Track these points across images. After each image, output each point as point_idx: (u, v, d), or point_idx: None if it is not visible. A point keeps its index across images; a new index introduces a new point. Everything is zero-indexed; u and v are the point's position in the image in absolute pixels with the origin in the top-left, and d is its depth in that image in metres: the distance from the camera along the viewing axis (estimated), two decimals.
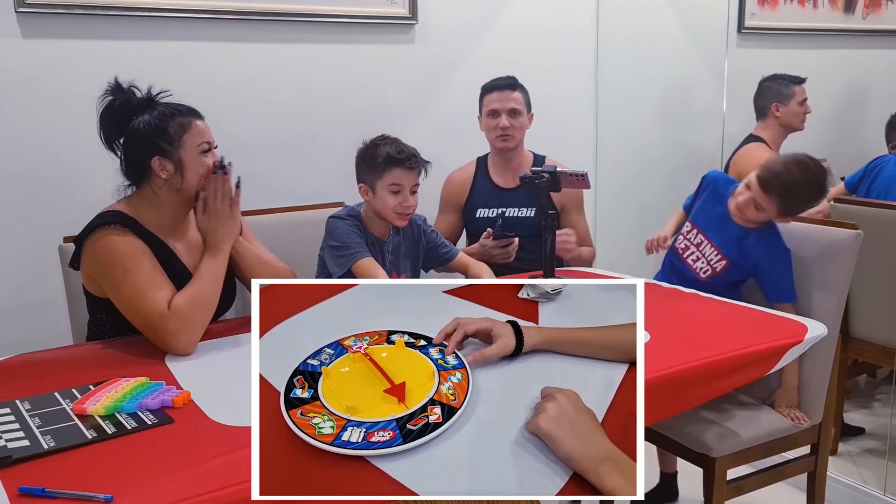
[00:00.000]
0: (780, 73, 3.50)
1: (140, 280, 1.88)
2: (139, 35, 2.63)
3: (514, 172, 2.86)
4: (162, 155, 1.97)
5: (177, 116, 1.98)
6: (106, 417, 1.47)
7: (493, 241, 2.67)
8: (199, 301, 1.91)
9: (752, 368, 1.87)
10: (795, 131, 3.47)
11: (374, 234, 2.32)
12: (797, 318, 2.05)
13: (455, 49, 3.24)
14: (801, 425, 2.22)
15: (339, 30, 2.97)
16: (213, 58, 2.76)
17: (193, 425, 1.46)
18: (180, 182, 1.99)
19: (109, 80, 2.01)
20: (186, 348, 1.85)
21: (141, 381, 1.61)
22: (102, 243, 1.91)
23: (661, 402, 1.71)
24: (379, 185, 2.27)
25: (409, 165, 2.26)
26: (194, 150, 1.99)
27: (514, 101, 2.81)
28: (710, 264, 2.35)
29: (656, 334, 1.89)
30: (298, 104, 2.94)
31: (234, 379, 1.71)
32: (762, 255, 2.29)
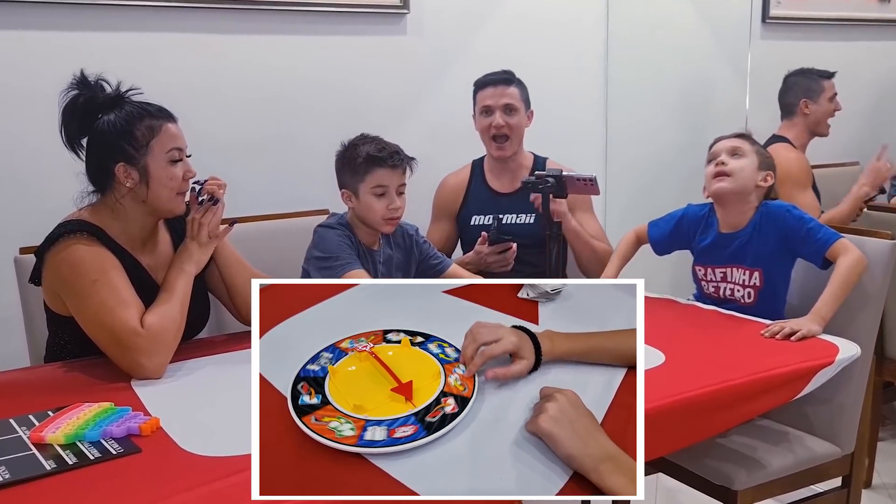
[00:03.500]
0: (807, 68, 3.50)
1: (109, 294, 1.88)
2: (105, 26, 2.64)
3: (512, 176, 2.87)
4: (127, 161, 1.96)
5: (146, 118, 1.97)
6: (66, 446, 1.47)
7: (488, 248, 2.66)
8: (172, 320, 1.92)
9: (777, 393, 1.87)
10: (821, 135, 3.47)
11: (364, 244, 2.33)
12: (828, 337, 2.06)
13: (451, 42, 3.25)
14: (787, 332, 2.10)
15: (323, 20, 2.99)
16: (185, 51, 2.77)
17: (162, 455, 1.46)
18: (145, 193, 1.98)
19: (75, 72, 2.00)
20: (157, 370, 1.85)
21: (105, 407, 1.61)
22: (67, 254, 1.91)
23: (678, 430, 1.72)
24: (362, 189, 2.28)
25: (392, 164, 2.27)
26: (162, 158, 1.98)
27: (508, 97, 2.81)
28: (748, 286, 2.35)
29: (672, 354, 1.89)
30: (279, 102, 2.95)
31: (206, 404, 1.72)
32: (777, 231, 2.29)
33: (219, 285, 2.20)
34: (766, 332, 2.07)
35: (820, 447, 2.24)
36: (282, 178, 2.93)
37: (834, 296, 2.15)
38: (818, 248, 2.24)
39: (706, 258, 2.42)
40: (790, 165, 3.26)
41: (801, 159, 3.32)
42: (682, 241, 2.49)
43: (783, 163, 3.30)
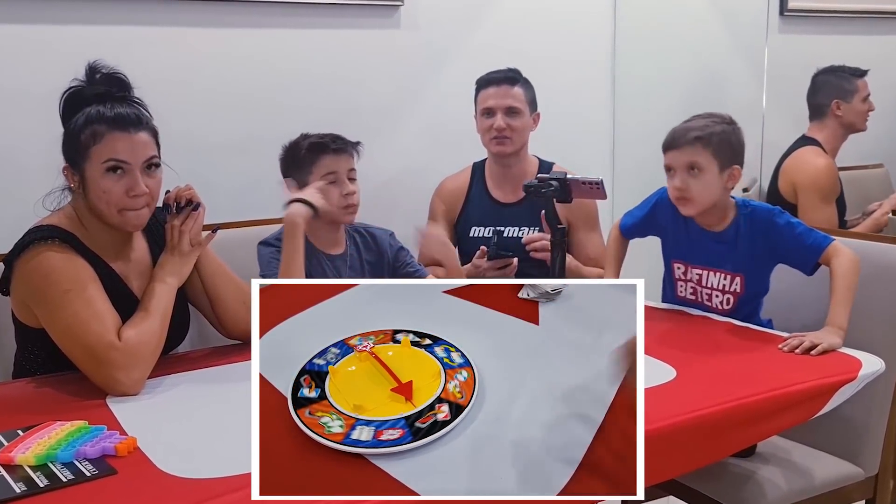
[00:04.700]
0: (837, 65, 3.49)
1: (83, 304, 1.89)
2: (75, 19, 2.64)
3: (514, 183, 2.86)
4: (70, 164, 2.00)
5: (94, 123, 1.97)
6: (37, 468, 1.47)
7: (487, 262, 2.67)
8: (151, 333, 1.93)
9: (796, 411, 1.88)
10: (857, 131, 3.46)
11: (324, 252, 2.35)
12: (850, 351, 2.06)
13: (447, 36, 3.26)
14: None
15: (309, 12, 2.99)
16: (161, 45, 2.78)
17: (140, 477, 1.46)
18: (88, 201, 2.00)
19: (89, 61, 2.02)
20: (135, 386, 1.86)
21: (78, 426, 1.62)
22: (37, 262, 1.92)
23: (690, 451, 1.73)
24: (312, 181, 2.32)
25: (335, 148, 2.34)
26: (98, 168, 1.96)
27: (512, 98, 2.82)
28: (727, 292, 2.35)
29: (684, 370, 1.91)
30: (262, 100, 2.96)
31: (187, 423, 1.72)
32: (763, 236, 2.29)
33: (201, 296, 2.21)
34: (784, 346, 2.08)
35: (841, 468, 2.26)
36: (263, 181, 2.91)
37: (844, 302, 2.15)
38: (809, 254, 2.24)
39: (683, 253, 2.42)
40: (818, 174, 3.27)
41: (829, 168, 3.32)
42: (655, 227, 2.48)
43: (810, 170, 3.32)
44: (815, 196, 3.27)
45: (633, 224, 2.52)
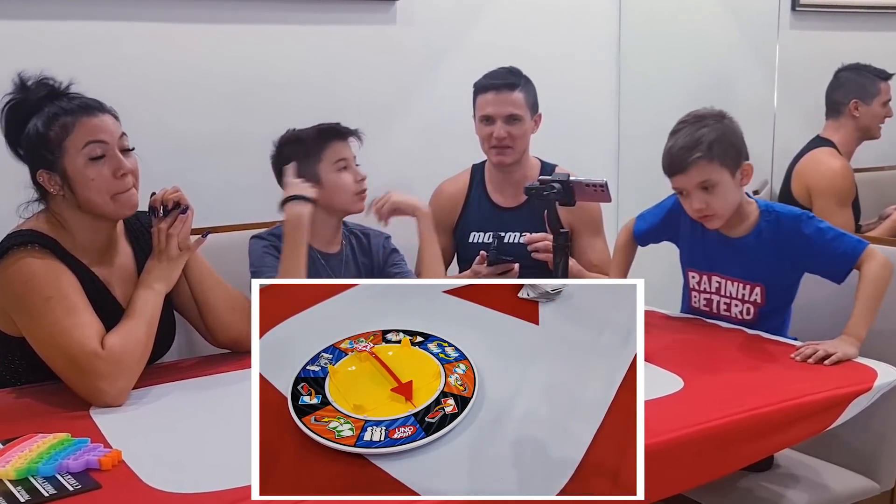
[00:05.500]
0: (863, 64, 3.48)
1: (65, 312, 1.89)
2: (61, 15, 2.64)
3: (515, 188, 2.87)
4: (46, 167, 1.99)
5: (60, 117, 1.97)
6: (18, 482, 1.48)
7: (487, 268, 2.67)
8: (137, 341, 1.94)
9: (808, 422, 1.88)
10: (870, 138, 3.46)
11: (320, 250, 2.36)
12: (865, 360, 2.07)
13: (445, 32, 3.27)
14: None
15: (302, 8, 3.00)
16: (144, 42, 2.77)
17: (125, 491, 1.47)
18: (75, 199, 2.00)
19: (14, 76, 2.02)
20: (119, 396, 1.87)
21: (61, 438, 1.62)
22: (17, 268, 1.93)
23: (698, 465, 1.73)
24: (323, 169, 2.33)
25: (342, 135, 2.38)
26: (78, 158, 1.97)
27: (512, 105, 2.80)
28: (747, 301, 2.35)
29: (691, 380, 1.92)
30: (253, 99, 2.96)
31: (173, 435, 1.73)
32: (788, 243, 2.26)
33: (188, 303, 2.22)
34: (797, 356, 2.08)
35: (856, 483, 2.26)
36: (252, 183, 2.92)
37: (867, 311, 2.14)
38: (842, 262, 2.21)
39: (698, 260, 2.40)
40: (834, 177, 3.26)
41: (845, 170, 3.31)
42: (670, 233, 2.47)
43: (825, 172, 3.30)
44: (830, 200, 3.25)
45: (648, 230, 2.50)
